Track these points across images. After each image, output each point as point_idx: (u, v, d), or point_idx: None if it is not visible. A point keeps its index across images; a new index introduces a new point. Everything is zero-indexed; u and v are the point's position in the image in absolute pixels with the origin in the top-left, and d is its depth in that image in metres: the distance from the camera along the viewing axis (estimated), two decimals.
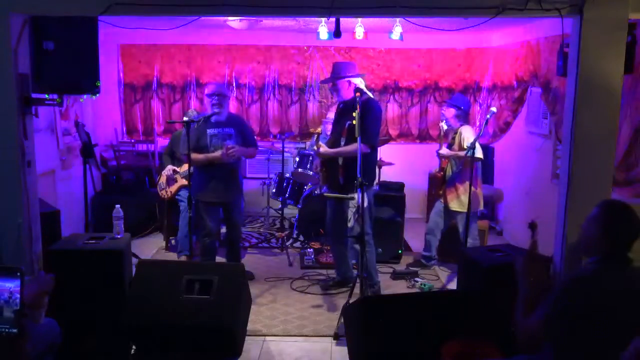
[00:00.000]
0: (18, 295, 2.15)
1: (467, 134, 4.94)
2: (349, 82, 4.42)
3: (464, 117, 5.12)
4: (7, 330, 2.14)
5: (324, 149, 4.49)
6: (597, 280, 2.18)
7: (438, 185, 5.31)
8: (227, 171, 4.66)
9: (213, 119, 4.57)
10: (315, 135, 4.67)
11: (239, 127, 4.76)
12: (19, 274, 2.16)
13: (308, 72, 7.16)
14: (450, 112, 5.11)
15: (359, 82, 4.46)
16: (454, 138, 5.09)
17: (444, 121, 5.23)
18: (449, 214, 5.17)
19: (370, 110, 4.31)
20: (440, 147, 5.16)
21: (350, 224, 4.42)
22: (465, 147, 4.84)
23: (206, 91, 4.66)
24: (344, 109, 4.51)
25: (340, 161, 4.40)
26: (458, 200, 5.03)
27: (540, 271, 2.42)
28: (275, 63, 7.14)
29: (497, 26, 6.03)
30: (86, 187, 4.60)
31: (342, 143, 4.40)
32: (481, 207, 5.21)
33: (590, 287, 2.17)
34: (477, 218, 5.27)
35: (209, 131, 4.59)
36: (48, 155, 5.32)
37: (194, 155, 4.42)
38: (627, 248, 2.23)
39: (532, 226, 2.55)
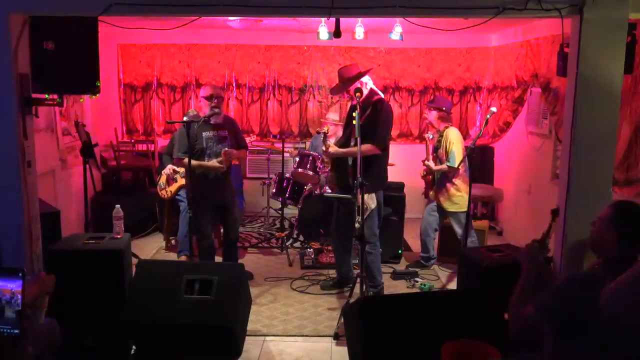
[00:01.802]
0: (20, 296, 2.14)
1: (453, 138, 4.98)
2: (361, 82, 4.35)
3: (447, 118, 5.16)
4: (8, 330, 2.14)
5: (333, 149, 4.42)
6: (603, 280, 2.16)
7: (428, 186, 5.35)
8: (221, 173, 4.62)
9: (211, 120, 4.55)
10: (323, 134, 4.59)
11: (233, 130, 4.76)
12: (20, 274, 2.16)
13: (308, 72, 7.16)
14: (433, 114, 5.16)
15: (368, 80, 4.40)
16: (439, 141, 5.11)
17: (429, 132, 5.31)
18: (442, 213, 5.19)
19: (380, 111, 4.26)
20: (427, 158, 5.19)
21: (358, 226, 4.36)
22: (450, 150, 4.94)
23: (203, 93, 4.60)
24: (352, 110, 4.45)
25: (350, 161, 4.33)
26: (450, 201, 5.06)
27: (542, 261, 2.41)
28: (275, 63, 7.14)
29: (497, 26, 6.03)
30: (86, 187, 4.60)
31: (352, 144, 4.32)
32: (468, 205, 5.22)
33: (594, 287, 2.15)
34: (475, 218, 5.29)
35: (204, 134, 4.55)
36: (48, 155, 5.32)
37: (187, 161, 4.34)
38: (638, 250, 2.20)
39: (554, 212, 2.50)
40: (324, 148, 4.50)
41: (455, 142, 4.95)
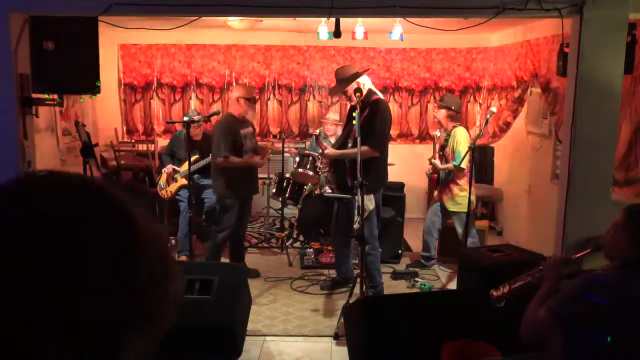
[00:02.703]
0: None
1: (461, 137, 4.96)
2: (357, 82, 4.32)
3: (456, 117, 5.14)
4: None
5: (329, 150, 4.43)
6: (616, 283, 2.15)
7: (433, 186, 5.34)
8: (255, 168, 4.91)
9: (242, 118, 4.73)
10: (314, 136, 4.66)
11: (254, 128, 5.03)
12: None
13: (308, 72, 7.16)
14: (442, 113, 5.12)
15: (365, 80, 4.38)
16: (446, 140, 5.09)
17: (437, 130, 5.28)
18: (445, 213, 5.18)
19: (376, 112, 4.22)
20: (434, 156, 5.19)
21: (356, 226, 4.36)
22: (458, 150, 4.91)
23: (245, 95, 4.78)
24: (352, 110, 4.44)
25: (348, 163, 4.32)
26: (453, 201, 5.05)
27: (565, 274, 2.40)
28: (275, 63, 7.14)
29: (497, 26, 6.03)
30: None
31: (349, 145, 4.34)
32: (473, 207, 5.22)
33: (608, 290, 2.14)
34: (475, 218, 5.28)
35: (241, 131, 4.73)
36: (48, 155, 5.32)
37: (234, 159, 4.61)
38: None
39: (596, 247, 2.45)
40: (319, 151, 4.53)
41: (462, 142, 4.92)
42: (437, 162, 5.12)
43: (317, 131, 4.76)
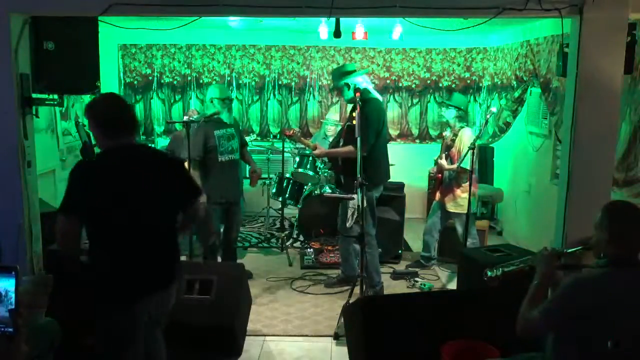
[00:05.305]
0: (13, 295, 2.14)
1: (467, 139, 4.95)
2: (347, 85, 4.39)
3: (465, 118, 5.14)
4: (2, 329, 2.13)
5: (318, 150, 4.61)
6: (602, 282, 2.15)
7: (435, 186, 5.33)
8: (235, 171, 4.76)
9: (217, 119, 4.59)
10: (290, 139, 4.81)
11: (237, 128, 4.88)
12: (14, 272, 2.15)
13: (308, 72, 7.16)
14: (451, 113, 5.10)
15: (362, 81, 4.41)
16: (453, 140, 5.08)
17: (447, 130, 5.27)
18: (446, 214, 5.17)
19: (362, 113, 4.20)
20: (440, 156, 5.17)
21: (348, 224, 4.40)
22: (464, 151, 4.87)
23: (218, 95, 4.61)
24: (352, 110, 4.47)
25: (340, 161, 4.45)
26: (455, 202, 5.04)
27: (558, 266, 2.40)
28: (275, 63, 7.14)
29: (497, 26, 6.03)
30: None
31: (340, 144, 4.44)
32: (474, 209, 5.20)
33: (594, 289, 2.14)
34: (476, 218, 5.28)
35: (216, 132, 4.58)
36: (48, 155, 5.32)
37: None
38: (635, 250, 2.17)
39: (586, 248, 2.45)
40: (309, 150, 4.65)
41: (468, 144, 4.90)
42: (443, 162, 5.10)
43: (291, 131, 4.89)
